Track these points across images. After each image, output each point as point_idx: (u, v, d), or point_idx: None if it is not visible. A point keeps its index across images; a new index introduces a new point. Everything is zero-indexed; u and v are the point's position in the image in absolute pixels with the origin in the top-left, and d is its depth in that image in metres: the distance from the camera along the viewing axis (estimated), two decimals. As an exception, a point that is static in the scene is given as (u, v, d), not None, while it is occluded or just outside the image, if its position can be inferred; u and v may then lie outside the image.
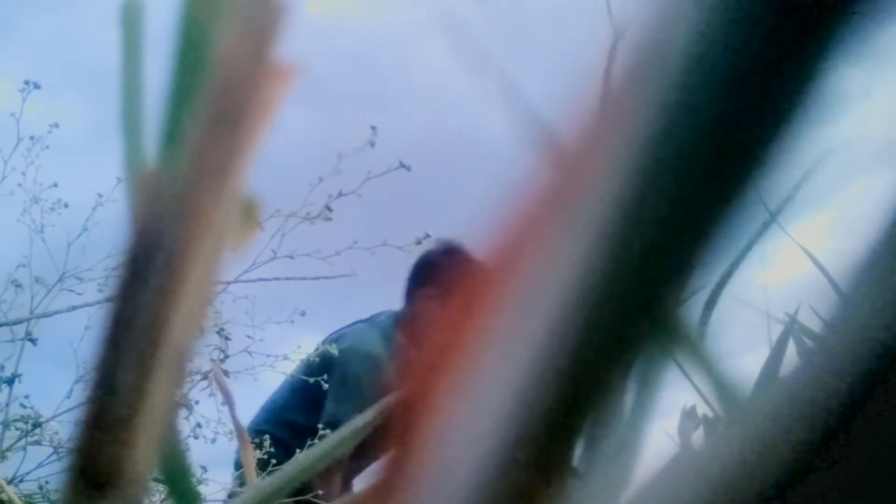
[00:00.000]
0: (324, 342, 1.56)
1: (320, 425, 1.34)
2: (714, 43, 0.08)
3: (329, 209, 1.33)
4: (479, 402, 0.10)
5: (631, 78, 0.09)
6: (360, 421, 0.30)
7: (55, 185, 1.48)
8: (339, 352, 1.48)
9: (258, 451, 1.31)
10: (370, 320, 1.75)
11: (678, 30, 0.08)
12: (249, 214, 0.19)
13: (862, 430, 0.08)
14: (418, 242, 1.41)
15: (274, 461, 1.27)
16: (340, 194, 1.34)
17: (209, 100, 0.16)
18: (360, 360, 1.59)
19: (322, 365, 1.47)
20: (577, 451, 0.10)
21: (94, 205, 1.46)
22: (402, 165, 1.34)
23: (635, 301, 0.09)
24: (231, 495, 1.41)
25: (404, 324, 1.68)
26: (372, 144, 1.34)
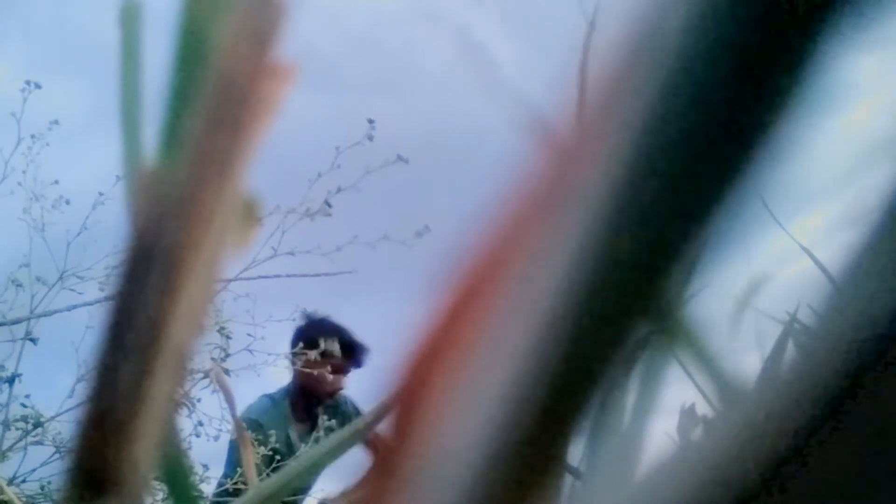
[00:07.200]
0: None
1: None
2: (710, 31, 0.08)
3: (329, 205, 1.33)
4: (473, 400, 0.10)
5: (625, 66, 0.09)
6: (360, 422, 0.30)
7: (56, 182, 1.48)
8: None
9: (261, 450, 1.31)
10: (270, 394, 1.91)
11: (672, 17, 0.08)
12: (249, 212, 0.19)
13: (859, 422, 0.08)
14: (418, 235, 1.41)
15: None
16: (339, 190, 1.33)
17: (209, 99, 0.16)
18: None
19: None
20: (577, 451, 0.10)
21: (94, 201, 1.46)
22: (400, 158, 1.34)
23: (630, 298, 0.09)
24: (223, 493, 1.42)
25: (294, 393, 1.89)
26: (370, 138, 1.34)
